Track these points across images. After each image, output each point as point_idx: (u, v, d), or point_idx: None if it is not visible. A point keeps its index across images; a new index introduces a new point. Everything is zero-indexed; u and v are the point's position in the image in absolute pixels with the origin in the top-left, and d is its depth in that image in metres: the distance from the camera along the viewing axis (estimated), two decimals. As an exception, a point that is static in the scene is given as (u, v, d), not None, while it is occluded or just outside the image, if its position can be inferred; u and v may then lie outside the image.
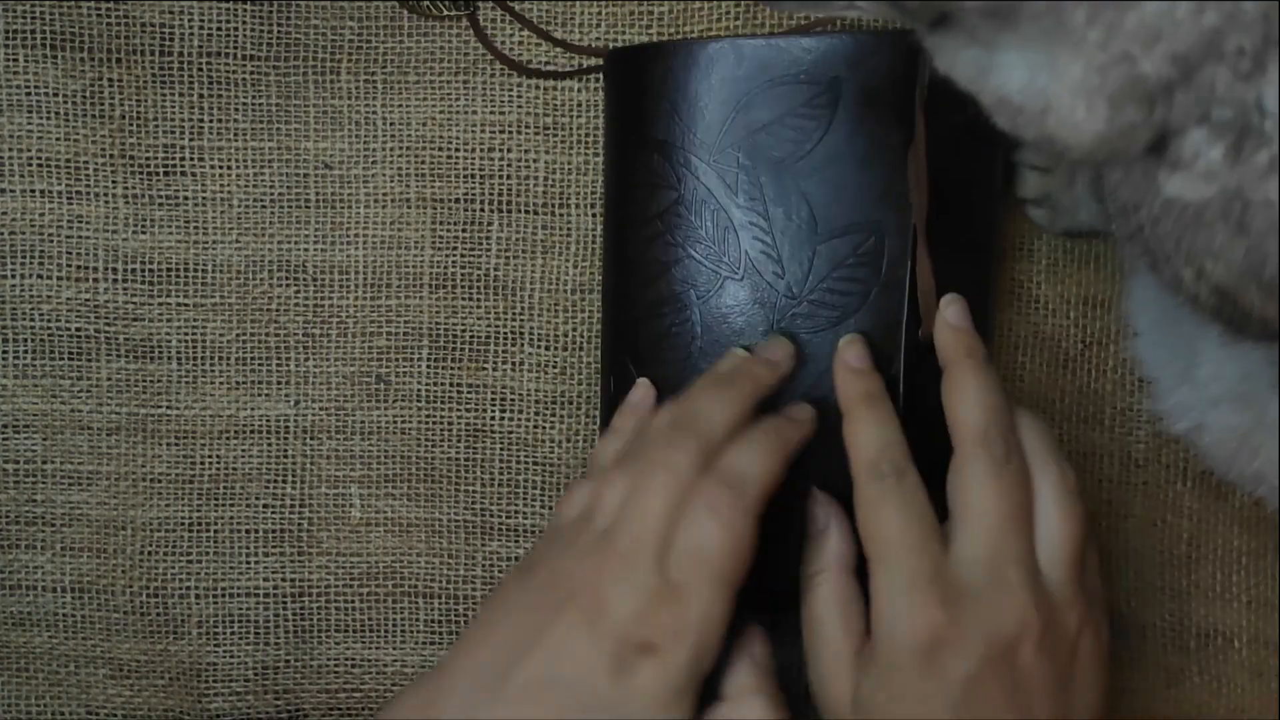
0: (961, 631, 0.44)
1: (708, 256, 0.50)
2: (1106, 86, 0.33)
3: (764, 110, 0.48)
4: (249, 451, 0.57)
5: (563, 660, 0.44)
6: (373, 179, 0.56)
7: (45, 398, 0.56)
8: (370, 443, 0.57)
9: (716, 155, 0.49)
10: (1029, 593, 0.44)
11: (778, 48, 0.48)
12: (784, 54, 0.48)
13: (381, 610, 0.57)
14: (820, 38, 0.48)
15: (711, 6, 0.55)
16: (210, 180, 0.56)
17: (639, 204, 0.51)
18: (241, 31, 0.55)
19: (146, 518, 0.57)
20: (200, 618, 0.57)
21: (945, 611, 0.44)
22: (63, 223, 0.56)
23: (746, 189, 0.49)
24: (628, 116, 0.51)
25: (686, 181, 0.49)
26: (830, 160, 0.48)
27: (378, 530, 0.57)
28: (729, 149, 0.49)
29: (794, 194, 0.49)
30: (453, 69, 0.56)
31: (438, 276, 0.56)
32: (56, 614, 0.57)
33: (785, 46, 0.48)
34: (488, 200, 0.56)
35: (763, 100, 0.48)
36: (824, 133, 0.48)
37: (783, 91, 0.48)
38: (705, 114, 0.49)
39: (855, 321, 0.49)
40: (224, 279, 0.56)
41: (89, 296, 0.56)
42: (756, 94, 0.48)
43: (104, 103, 0.55)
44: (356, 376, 0.57)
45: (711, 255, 0.49)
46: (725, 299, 0.50)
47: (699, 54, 0.49)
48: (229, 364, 0.56)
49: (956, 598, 0.44)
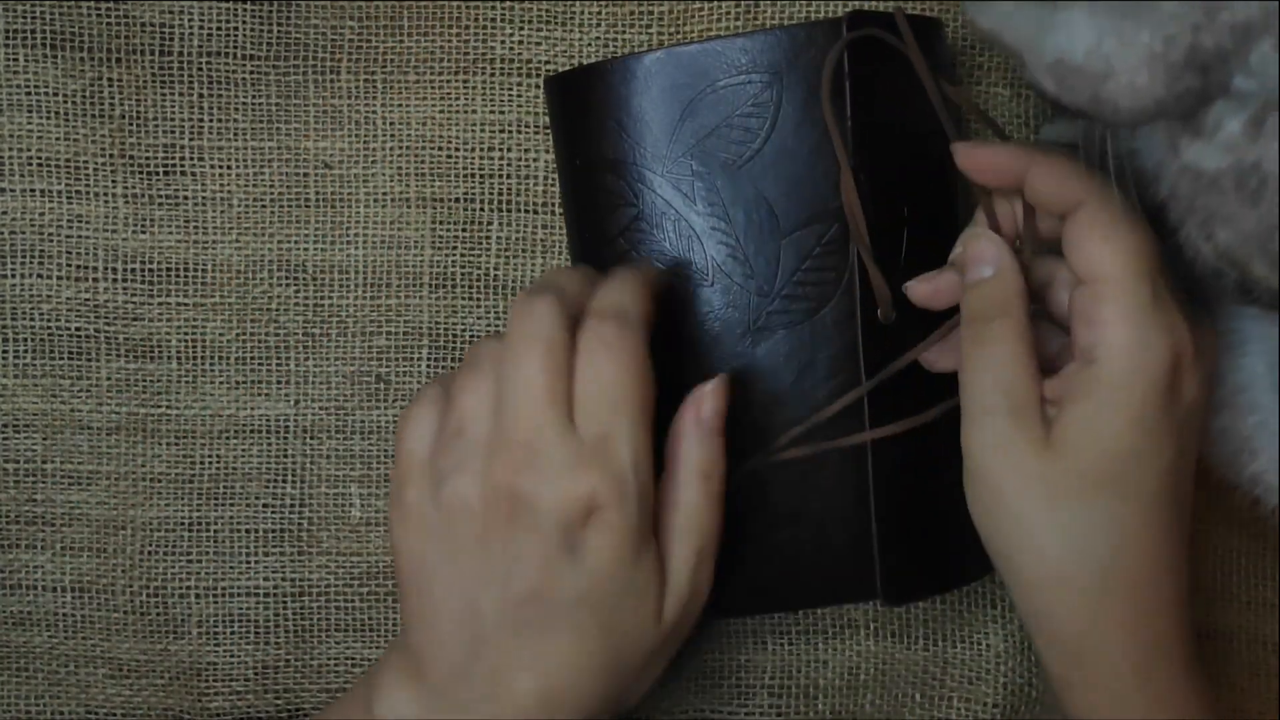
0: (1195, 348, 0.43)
1: (675, 267, 0.50)
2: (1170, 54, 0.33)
3: (710, 115, 0.49)
4: (249, 451, 0.57)
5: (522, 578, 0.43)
6: (373, 178, 0.56)
7: (45, 397, 0.56)
8: (370, 442, 0.57)
9: (669, 166, 0.49)
10: None
11: (714, 51, 0.49)
12: (721, 57, 0.49)
13: (382, 610, 0.57)
14: (754, 36, 0.49)
15: (712, 6, 0.55)
16: (210, 180, 0.56)
17: (599, 225, 0.51)
18: (241, 31, 0.55)
19: (146, 517, 0.57)
20: (200, 617, 0.57)
21: (1185, 324, 0.43)
22: (62, 222, 0.56)
23: (704, 195, 0.49)
24: (575, 140, 0.51)
25: (643, 196, 0.50)
26: (782, 155, 0.49)
27: (378, 530, 0.57)
28: (681, 158, 0.49)
29: (751, 194, 0.49)
30: (453, 68, 0.56)
31: (438, 276, 0.56)
32: (56, 614, 0.57)
33: (722, 50, 0.49)
34: (488, 200, 0.56)
35: (707, 105, 0.49)
36: (771, 129, 0.49)
37: (725, 94, 0.49)
38: (652, 127, 0.49)
39: (831, 310, 0.49)
40: (224, 278, 0.56)
41: (89, 296, 0.56)
42: (700, 100, 0.49)
43: (104, 102, 0.55)
44: (356, 376, 0.57)
45: (679, 266, 0.50)
46: (699, 306, 0.50)
47: (636, 68, 0.49)
48: (229, 363, 0.56)
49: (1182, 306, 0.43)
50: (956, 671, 0.57)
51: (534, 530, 0.43)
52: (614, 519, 0.43)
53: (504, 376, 0.44)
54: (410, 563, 0.45)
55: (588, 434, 0.43)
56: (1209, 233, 0.36)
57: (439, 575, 0.44)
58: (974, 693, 0.57)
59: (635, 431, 0.43)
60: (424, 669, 0.45)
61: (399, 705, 0.45)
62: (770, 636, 0.57)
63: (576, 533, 0.43)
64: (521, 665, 0.43)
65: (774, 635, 0.57)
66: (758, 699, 0.57)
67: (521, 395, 0.43)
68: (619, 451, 0.43)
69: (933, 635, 0.57)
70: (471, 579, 0.44)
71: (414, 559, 0.45)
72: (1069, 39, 0.35)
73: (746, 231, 0.49)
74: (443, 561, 0.44)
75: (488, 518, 0.43)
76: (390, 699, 0.45)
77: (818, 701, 0.57)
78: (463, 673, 0.44)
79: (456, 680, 0.44)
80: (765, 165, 0.49)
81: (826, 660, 0.57)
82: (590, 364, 0.43)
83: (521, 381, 0.43)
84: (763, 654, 0.57)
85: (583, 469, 0.42)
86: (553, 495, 0.42)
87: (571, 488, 0.42)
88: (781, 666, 0.57)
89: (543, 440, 0.43)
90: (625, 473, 0.43)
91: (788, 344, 0.49)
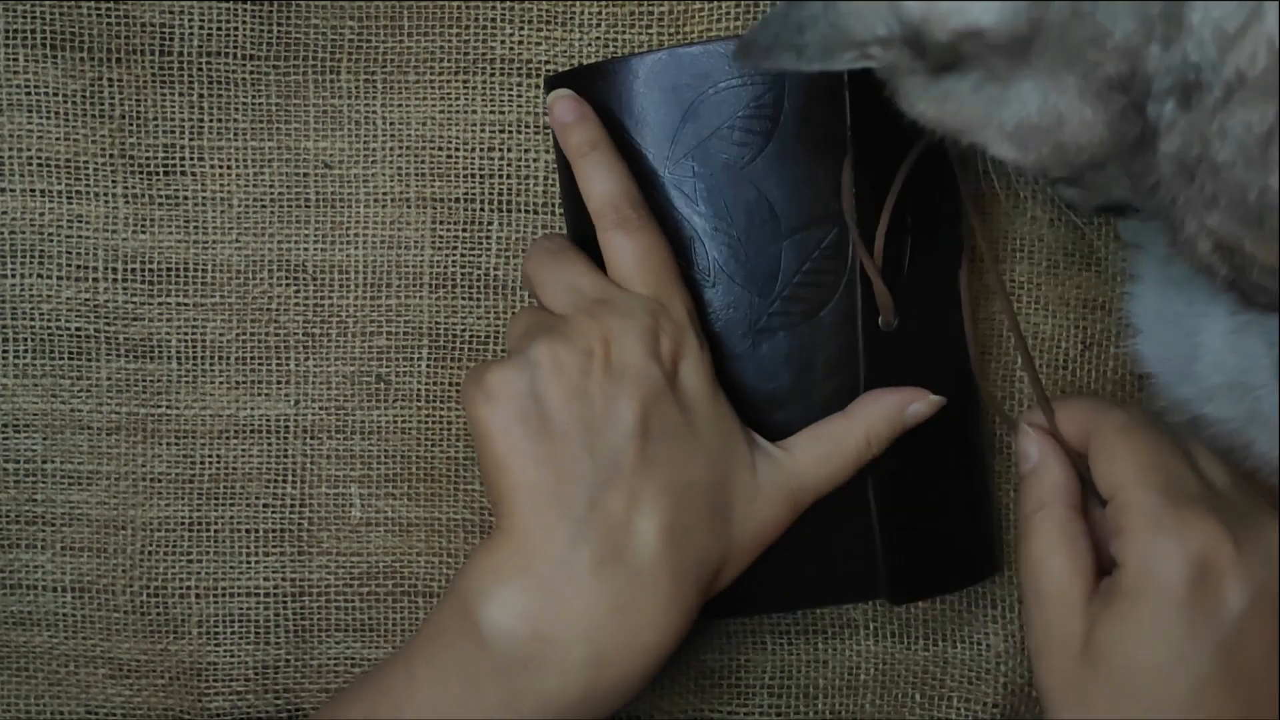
0: (1240, 552, 0.41)
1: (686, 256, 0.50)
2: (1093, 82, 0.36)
3: (712, 116, 0.49)
4: (249, 451, 0.57)
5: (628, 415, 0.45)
6: (373, 179, 0.56)
7: (45, 397, 0.56)
8: (370, 442, 0.57)
9: (671, 167, 0.49)
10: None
11: (716, 53, 0.48)
12: (724, 58, 0.48)
13: (381, 610, 0.57)
14: None
15: (712, 6, 0.55)
16: (210, 180, 0.56)
17: None
18: (241, 31, 0.55)
19: (146, 517, 0.57)
20: (200, 617, 0.57)
21: (1219, 527, 0.41)
22: (63, 222, 0.56)
23: (706, 196, 0.49)
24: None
25: (645, 197, 0.49)
26: (784, 157, 0.49)
27: (378, 530, 0.57)
28: (683, 159, 0.49)
29: (753, 195, 0.49)
30: (453, 68, 0.56)
31: (438, 276, 0.56)
32: (56, 614, 0.57)
33: (724, 51, 0.48)
34: (488, 200, 0.56)
35: (709, 107, 0.49)
36: (773, 131, 0.49)
37: (727, 95, 0.49)
38: (653, 127, 0.49)
39: (829, 313, 0.49)
40: (224, 279, 0.56)
41: (89, 296, 0.56)
42: (702, 101, 0.49)
43: (104, 102, 0.55)
44: (356, 376, 0.57)
45: (680, 266, 0.49)
46: (700, 307, 0.50)
47: (639, 69, 0.49)
48: (229, 364, 0.56)
49: (1222, 513, 0.41)
50: (956, 671, 0.57)
51: (630, 377, 0.45)
52: (694, 353, 0.47)
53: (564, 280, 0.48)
54: (507, 437, 0.45)
55: (648, 305, 0.47)
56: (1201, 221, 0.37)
57: (545, 435, 0.45)
58: (974, 692, 0.57)
59: (675, 288, 0.47)
60: (536, 550, 0.44)
61: (509, 604, 0.44)
62: (770, 636, 0.57)
63: (670, 370, 0.46)
64: (640, 505, 0.44)
65: (774, 635, 0.57)
66: (757, 699, 0.57)
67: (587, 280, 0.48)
68: (674, 307, 0.47)
69: (933, 635, 0.57)
70: (577, 435, 0.44)
71: (508, 435, 0.45)
72: (1022, 105, 0.37)
73: (747, 233, 0.49)
74: (549, 419, 0.45)
75: (585, 366, 0.45)
76: (496, 601, 0.44)
77: (818, 701, 0.57)
78: (582, 533, 0.44)
79: (576, 544, 0.44)
80: (768, 166, 0.49)
81: (826, 660, 0.57)
82: (618, 248, 0.47)
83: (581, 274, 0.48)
84: (762, 654, 0.57)
85: (654, 318, 0.46)
86: (640, 342, 0.46)
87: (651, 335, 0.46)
88: (781, 666, 0.57)
89: (617, 301, 0.46)
90: (684, 321, 0.47)
91: (787, 345, 0.49)
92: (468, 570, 0.46)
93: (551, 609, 0.44)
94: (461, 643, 0.44)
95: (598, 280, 0.48)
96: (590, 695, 0.44)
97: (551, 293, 0.48)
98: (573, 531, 0.44)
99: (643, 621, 0.44)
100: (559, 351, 0.45)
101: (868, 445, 0.48)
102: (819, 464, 0.48)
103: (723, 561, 0.46)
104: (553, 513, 0.44)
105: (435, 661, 0.45)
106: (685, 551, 0.45)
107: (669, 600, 0.44)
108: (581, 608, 0.43)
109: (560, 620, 0.44)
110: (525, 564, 0.44)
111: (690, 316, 0.48)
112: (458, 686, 0.44)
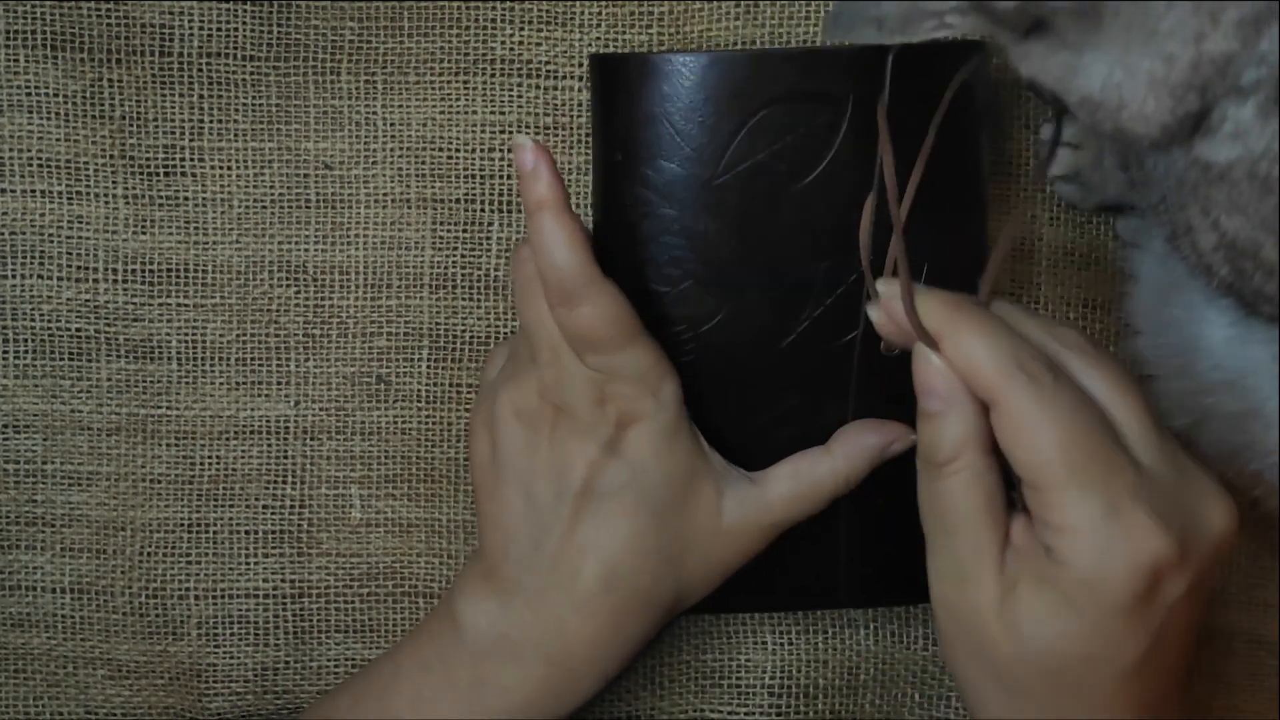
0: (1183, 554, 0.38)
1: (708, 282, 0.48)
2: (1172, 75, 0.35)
3: (770, 131, 0.47)
4: (249, 452, 0.57)
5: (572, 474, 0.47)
6: (373, 179, 0.56)
7: (45, 398, 0.56)
8: (370, 443, 0.57)
9: (721, 177, 0.47)
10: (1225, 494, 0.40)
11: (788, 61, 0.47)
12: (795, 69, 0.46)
13: (381, 611, 0.57)
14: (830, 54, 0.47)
15: (712, 7, 0.55)
16: (210, 181, 0.56)
17: (632, 228, 0.49)
18: (242, 32, 0.55)
19: (146, 518, 0.57)
20: (200, 619, 0.57)
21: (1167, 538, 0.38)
22: (63, 223, 0.56)
23: (751, 211, 0.47)
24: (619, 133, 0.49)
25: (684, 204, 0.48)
26: (834, 182, 0.47)
27: (378, 531, 0.57)
28: (733, 171, 0.47)
29: (795, 220, 0.47)
30: (453, 69, 0.56)
31: (438, 277, 0.56)
32: (56, 615, 0.57)
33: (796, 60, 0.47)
34: (488, 201, 0.56)
35: (769, 121, 0.47)
36: (827, 153, 0.47)
37: (789, 111, 0.47)
38: (708, 135, 0.47)
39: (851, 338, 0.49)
40: (224, 279, 0.56)
41: (89, 297, 0.56)
42: (763, 114, 0.47)
43: (104, 103, 0.55)
44: (357, 377, 0.57)
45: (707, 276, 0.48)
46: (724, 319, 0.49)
47: (697, 68, 0.47)
48: (229, 364, 0.56)
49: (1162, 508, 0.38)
50: (957, 671, 0.57)
51: (578, 437, 0.47)
52: (645, 421, 0.47)
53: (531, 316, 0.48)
54: (480, 469, 0.49)
55: (596, 367, 0.46)
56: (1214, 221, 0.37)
57: (502, 473, 0.48)
58: (975, 692, 0.57)
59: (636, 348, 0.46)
60: (497, 567, 0.48)
61: (479, 606, 0.49)
62: (770, 636, 0.57)
63: (616, 436, 0.47)
64: (582, 551, 0.47)
65: (774, 635, 0.57)
66: (757, 699, 0.57)
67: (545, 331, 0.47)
68: (629, 367, 0.46)
69: (932, 635, 0.57)
70: (528, 477, 0.48)
71: (482, 464, 0.49)
72: (1088, 78, 0.37)
73: (785, 252, 0.48)
74: (505, 462, 0.48)
75: (537, 423, 0.47)
76: (471, 602, 0.49)
77: (817, 701, 0.57)
78: (530, 564, 0.48)
79: (525, 571, 0.48)
80: (815, 191, 0.47)
81: (826, 660, 0.57)
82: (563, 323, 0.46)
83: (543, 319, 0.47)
84: (763, 654, 0.57)
85: (597, 388, 0.46)
86: (587, 407, 0.47)
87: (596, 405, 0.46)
88: (781, 666, 0.57)
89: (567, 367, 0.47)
90: (641, 380, 0.46)
91: (807, 365, 0.49)
92: (459, 574, 0.51)
93: (509, 616, 0.48)
94: (444, 635, 0.49)
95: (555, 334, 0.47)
96: (545, 689, 0.48)
97: (522, 323, 0.48)
98: (522, 561, 0.48)
99: (582, 642, 0.48)
100: (518, 402, 0.48)
101: (845, 484, 0.48)
102: (792, 501, 0.48)
103: (677, 595, 0.49)
104: (508, 543, 0.48)
105: (420, 653, 0.50)
106: (628, 592, 0.48)
107: (611, 630, 0.48)
108: (531, 619, 0.48)
109: (515, 625, 0.48)
110: (489, 575, 0.49)
111: (652, 371, 0.47)
112: (438, 673, 0.49)
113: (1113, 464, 0.38)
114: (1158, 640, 0.39)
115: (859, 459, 0.48)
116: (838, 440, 0.49)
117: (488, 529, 0.49)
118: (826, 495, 0.48)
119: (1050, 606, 0.39)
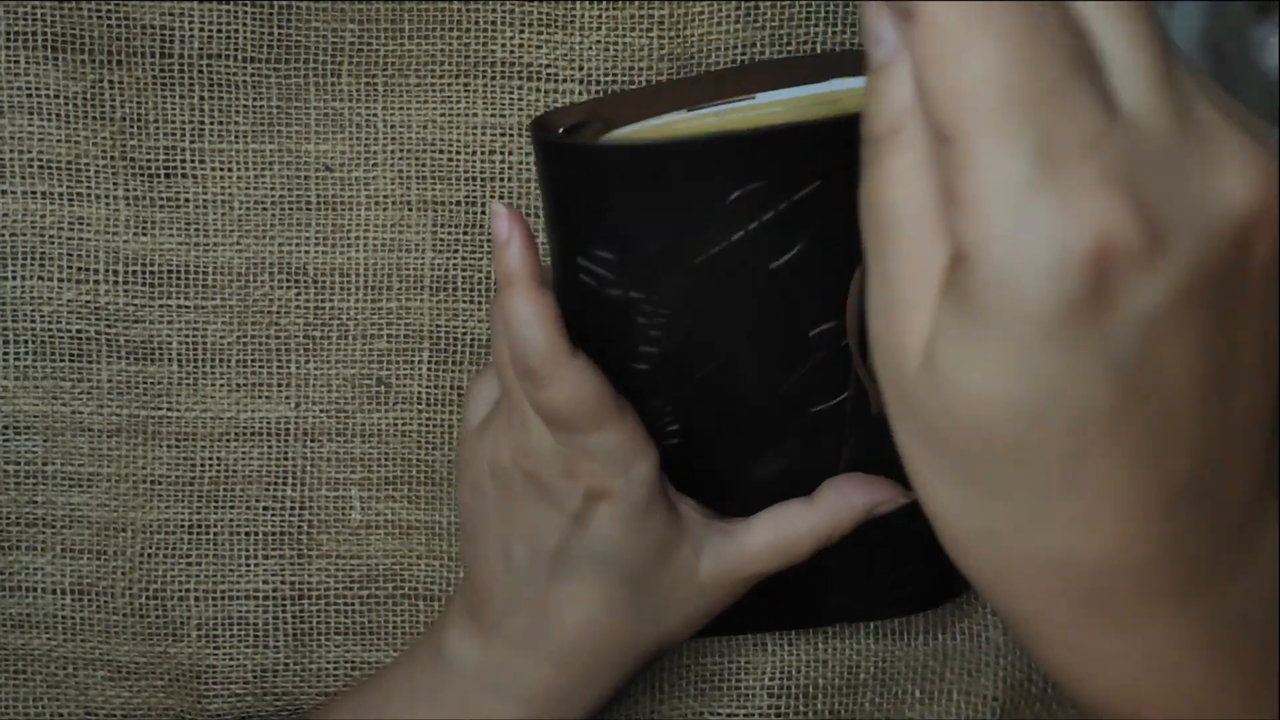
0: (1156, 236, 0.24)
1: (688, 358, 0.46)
2: None
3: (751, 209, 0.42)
4: (249, 454, 0.57)
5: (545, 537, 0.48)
6: (374, 181, 0.56)
7: (45, 399, 0.56)
8: (371, 445, 0.57)
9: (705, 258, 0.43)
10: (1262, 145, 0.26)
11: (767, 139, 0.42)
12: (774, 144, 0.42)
13: (381, 613, 0.57)
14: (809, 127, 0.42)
15: (713, 9, 0.55)
16: (211, 182, 0.56)
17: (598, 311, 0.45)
18: (242, 34, 0.55)
19: (146, 520, 0.57)
20: (200, 620, 0.57)
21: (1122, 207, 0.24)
22: (63, 224, 0.56)
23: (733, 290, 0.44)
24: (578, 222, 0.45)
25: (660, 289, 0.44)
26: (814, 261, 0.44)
27: (378, 533, 0.57)
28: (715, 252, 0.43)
29: (776, 296, 0.44)
30: (454, 71, 0.56)
31: (439, 279, 0.56)
32: (55, 616, 0.56)
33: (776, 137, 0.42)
34: (489, 203, 0.56)
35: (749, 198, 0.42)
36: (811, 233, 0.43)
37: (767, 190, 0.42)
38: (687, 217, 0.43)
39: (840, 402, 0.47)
40: (224, 281, 0.56)
41: (89, 298, 0.56)
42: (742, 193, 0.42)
43: (105, 105, 0.55)
44: (357, 379, 0.57)
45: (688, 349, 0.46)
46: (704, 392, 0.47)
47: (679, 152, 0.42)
48: (229, 366, 0.56)
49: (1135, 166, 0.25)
50: (956, 665, 0.57)
51: (548, 504, 0.47)
52: (613, 499, 0.47)
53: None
54: (464, 512, 0.50)
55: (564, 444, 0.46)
56: None
57: (483, 525, 0.49)
58: (973, 686, 0.57)
59: (607, 424, 0.46)
60: (480, 608, 0.50)
61: (463, 642, 0.50)
62: (770, 637, 0.57)
63: (584, 509, 0.47)
64: (559, 606, 0.48)
65: (773, 636, 0.57)
66: (757, 700, 0.57)
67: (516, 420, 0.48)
68: (598, 444, 0.46)
69: (932, 629, 0.57)
70: (505, 533, 0.48)
71: (466, 509, 0.50)
72: None
73: (762, 328, 0.45)
74: (485, 514, 0.49)
75: (511, 484, 0.48)
76: (455, 638, 0.50)
77: (817, 701, 0.57)
78: (510, 608, 0.49)
79: (505, 615, 0.49)
80: (797, 267, 0.43)
81: (826, 660, 0.57)
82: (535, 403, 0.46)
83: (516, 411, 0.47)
84: (762, 655, 0.57)
85: (567, 464, 0.46)
86: (557, 482, 0.47)
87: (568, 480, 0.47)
88: (781, 667, 0.57)
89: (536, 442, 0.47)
90: (610, 457, 0.46)
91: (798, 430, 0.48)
92: (448, 603, 0.53)
93: (489, 655, 0.50)
94: (432, 665, 0.51)
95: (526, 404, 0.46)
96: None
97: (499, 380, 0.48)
98: (503, 607, 0.49)
99: (558, 688, 0.49)
100: (493, 461, 0.49)
101: (826, 542, 0.49)
102: (773, 554, 0.49)
103: (658, 645, 0.50)
104: (491, 586, 0.49)
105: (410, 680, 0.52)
106: (605, 644, 0.49)
107: (587, 680, 0.49)
108: (510, 659, 0.49)
109: (495, 664, 0.50)
110: (474, 613, 0.50)
111: (622, 449, 0.46)
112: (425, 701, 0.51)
113: (1065, 102, 0.25)
114: (1136, 381, 0.25)
115: (846, 517, 0.48)
116: (823, 494, 0.48)
117: (473, 569, 0.50)
118: (807, 549, 0.48)
119: (962, 329, 0.26)
